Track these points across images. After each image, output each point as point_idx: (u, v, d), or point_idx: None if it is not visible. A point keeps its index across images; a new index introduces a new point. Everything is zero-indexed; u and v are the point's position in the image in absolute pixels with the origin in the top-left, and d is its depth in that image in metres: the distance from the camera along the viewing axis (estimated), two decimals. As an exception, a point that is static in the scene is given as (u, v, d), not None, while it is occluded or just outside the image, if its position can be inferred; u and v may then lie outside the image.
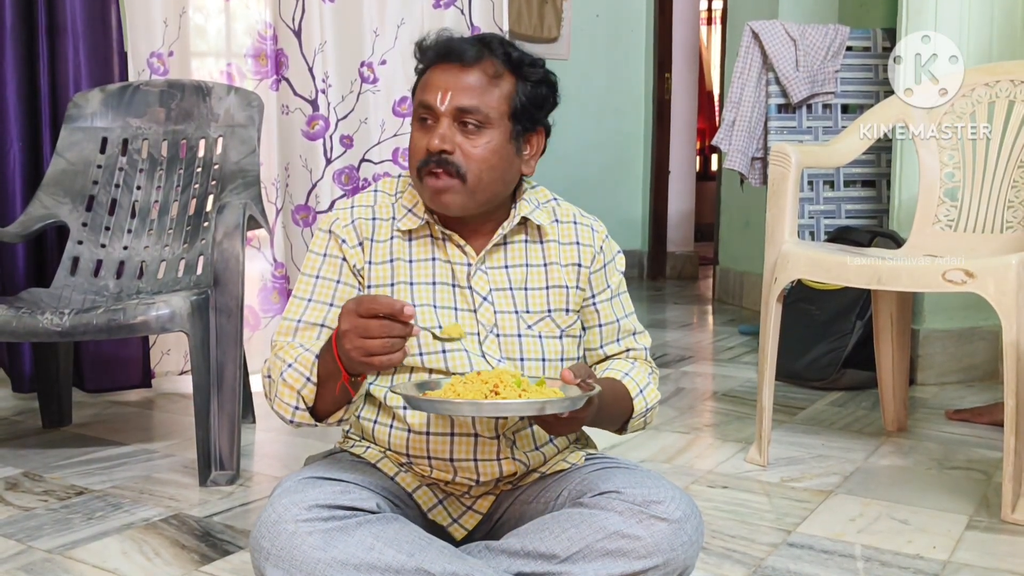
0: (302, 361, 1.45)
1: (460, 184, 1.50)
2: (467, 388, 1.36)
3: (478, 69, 1.51)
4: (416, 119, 1.54)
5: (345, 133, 3.18)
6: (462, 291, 1.58)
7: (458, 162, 1.50)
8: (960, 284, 2.09)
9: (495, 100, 1.52)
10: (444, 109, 1.49)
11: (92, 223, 2.78)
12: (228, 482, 2.31)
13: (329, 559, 1.36)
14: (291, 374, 1.45)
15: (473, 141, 1.50)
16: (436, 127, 1.50)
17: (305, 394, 1.45)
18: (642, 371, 1.65)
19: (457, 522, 1.60)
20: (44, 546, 1.92)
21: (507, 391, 1.35)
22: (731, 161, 3.84)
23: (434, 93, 1.50)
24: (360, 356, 1.31)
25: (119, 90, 2.91)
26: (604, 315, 1.66)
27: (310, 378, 1.44)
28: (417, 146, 1.53)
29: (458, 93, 1.49)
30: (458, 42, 1.53)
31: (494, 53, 1.52)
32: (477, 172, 1.51)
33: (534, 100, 1.56)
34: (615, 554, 1.43)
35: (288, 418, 1.48)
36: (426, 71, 1.54)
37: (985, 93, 2.58)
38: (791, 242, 2.42)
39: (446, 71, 1.51)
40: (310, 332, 1.54)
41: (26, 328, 2.25)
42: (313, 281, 1.57)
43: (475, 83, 1.50)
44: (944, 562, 1.85)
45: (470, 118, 1.50)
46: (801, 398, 3.20)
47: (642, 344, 1.70)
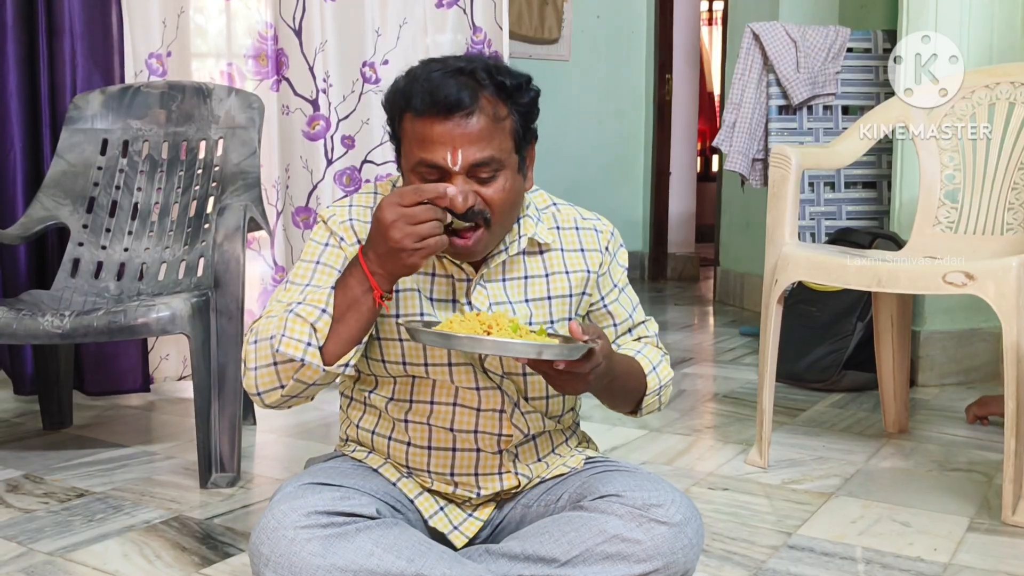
0: (314, 298, 1.39)
1: (485, 231, 1.43)
2: (463, 326, 1.35)
3: (479, 113, 1.38)
4: (417, 175, 1.41)
5: (346, 134, 3.18)
6: (461, 307, 1.54)
7: (482, 210, 1.41)
8: (960, 286, 2.09)
9: (503, 141, 1.41)
10: (457, 169, 1.38)
11: (93, 225, 2.78)
12: (229, 484, 2.31)
13: (328, 566, 1.36)
14: (303, 309, 1.37)
15: (491, 187, 1.41)
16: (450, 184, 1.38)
17: (319, 327, 1.37)
18: (654, 351, 1.64)
19: (458, 529, 1.59)
20: (45, 548, 1.92)
21: (501, 333, 1.34)
22: (732, 162, 3.84)
23: (440, 152, 1.37)
24: (412, 243, 1.30)
25: (120, 92, 2.91)
26: (617, 314, 1.65)
27: (326, 309, 1.37)
28: None
29: (468, 148, 1.37)
30: (448, 85, 1.37)
31: (485, 86, 1.40)
32: (500, 214, 1.44)
33: (528, 121, 1.47)
34: (615, 558, 1.43)
35: (299, 356, 1.37)
36: (415, 120, 1.39)
37: (985, 95, 2.58)
38: (792, 244, 2.42)
39: (445, 123, 1.37)
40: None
41: (27, 330, 2.24)
42: (313, 267, 1.52)
43: (482, 131, 1.38)
44: (945, 564, 1.85)
45: (485, 170, 1.40)
46: (802, 400, 3.20)
47: (651, 331, 1.69)
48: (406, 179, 1.45)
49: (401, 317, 1.51)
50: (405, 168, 1.45)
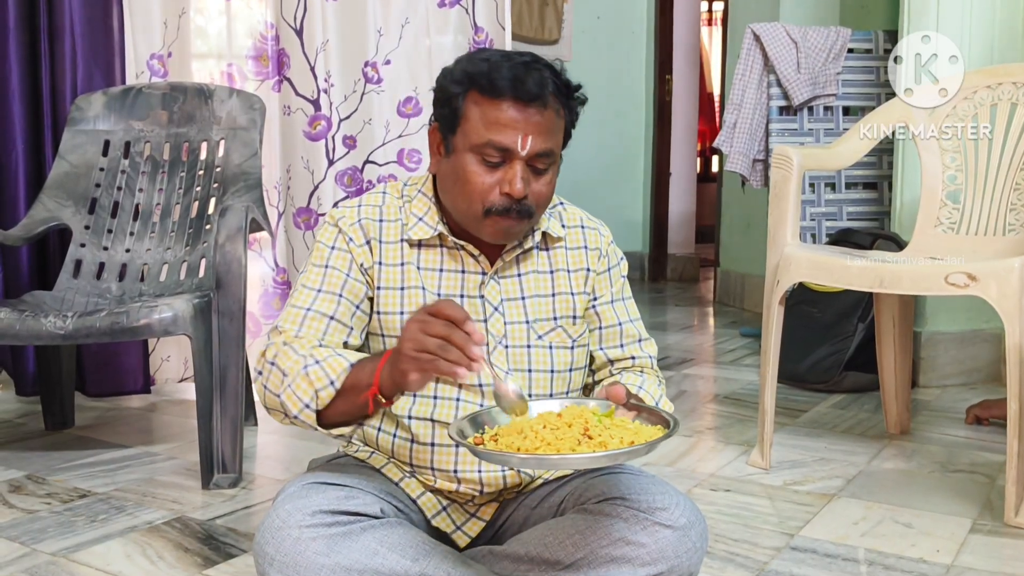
0: (332, 364, 1.39)
1: (527, 222, 1.50)
2: (556, 435, 1.26)
3: (550, 109, 1.46)
4: (477, 155, 1.46)
5: (348, 134, 3.17)
6: (471, 301, 1.56)
7: (530, 204, 1.47)
8: (962, 287, 2.09)
9: (559, 138, 1.50)
10: (525, 154, 1.44)
11: (94, 226, 2.78)
12: (231, 485, 2.31)
13: (333, 564, 1.36)
14: (316, 371, 1.39)
15: (540, 180, 1.48)
16: (509, 169, 1.45)
17: (323, 396, 1.39)
18: (653, 384, 1.64)
19: (461, 529, 1.60)
20: (48, 549, 1.92)
21: (600, 432, 1.26)
22: (732, 163, 3.84)
23: (512, 136, 1.43)
24: (412, 349, 1.24)
25: (121, 93, 2.91)
26: (606, 318, 1.65)
27: (334, 382, 1.38)
28: (484, 184, 1.46)
29: (538, 137, 1.44)
30: (532, 77, 1.43)
31: (550, 86, 1.46)
32: (540, 208, 1.51)
33: (573, 124, 1.54)
34: (619, 561, 1.43)
35: (293, 413, 1.41)
36: (489, 101, 1.45)
37: (987, 95, 2.58)
38: (793, 245, 2.42)
39: (523, 111, 1.44)
40: (318, 323, 1.49)
41: (30, 331, 2.25)
42: (322, 271, 1.53)
43: (550, 125, 1.46)
44: (948, 566, 1.85)
45: (543, 161, 1.47)
46: (803, 401, 3.20)
47: (647, 352, 1.68)
48: (459, 157, 1.48)
49: (405, 314, 1.54)
50: (461, 146, 1.47)
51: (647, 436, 1.27)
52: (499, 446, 1.26)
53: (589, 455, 1.22)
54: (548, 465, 1.26)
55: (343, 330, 1.52)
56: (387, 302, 1.55)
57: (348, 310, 1.52)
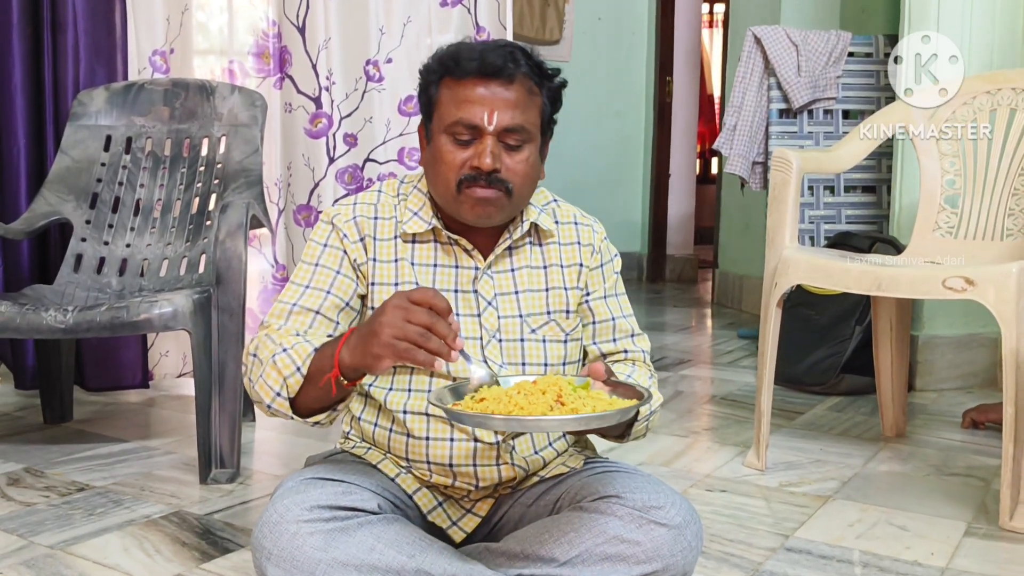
0: (298, 350, 1.41)
1: (505, 199, 1.50)
2: (529, 400, 1.27)
3: (518, 85, 1.49)
4: (449, 135, 1.49)
5: (349, 131, 3.18)
6: (465, 296, 1.58)
7: (506, 179, 1.49)
8: (960, 291, 2.10)
9: (534, 116, 1.52)
10: (492, 129, 1.47)
11: (96, 221, 2.78)
12: (228, 480, 2.32)
13: (330, 559, 1.37)
14: (283, 359, 1.41)
15: (515, 158, 1.50)
16: (479, 145, 1.48)
17: (291, 383, 1.40)
18: (642, 375, 1.65)
19: (456, 525, 1.60)
20: (45, 542, 1.92)
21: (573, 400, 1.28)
22: (732, 165, 3.85)
23: (479, 112, 1.47)
24: (388, 336, 1.24)
25: (124, 88, 2.91)
26: (599, 313, 1.66)
27: (300, 368, 1.40)
28: (456, 160, 1.49)
29: (504, 112, 1.47)
30: (496, 55, 1.48)
31: (522, 66, 1.50)
32: (520, 187, 1.52)
33: (553, 107, 1.57)
34: (614, 559, 1.44)
35: (267, 402, 1.43)
36: (457, 83, 1.49)
37: (987, 101, 2.59)
38: (792, 247, 2.43)
39: (488, 87, 1.47)
40: (304, 317, 1.52)
41: (30, 324, 2.25)
42: (312, 269, 1.56)
43: (519, 100, 1.49)
44: (942, 568, 1.86)
45: (514, 137, 1.49)
46: (800, 403, 3.21)
47: (640, 347, 1.69)
48: (435, 141, 1.51)
49: None
50: (436, 130, 1.51)
51: (620, 406, 1.30)
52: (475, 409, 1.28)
53: (561, 417, 1.24)
54: (520, 427, 1.26)
55: (328, 324, 1.54)
56: (381, 298, 1.56)
57: (335, 305, 1.54)
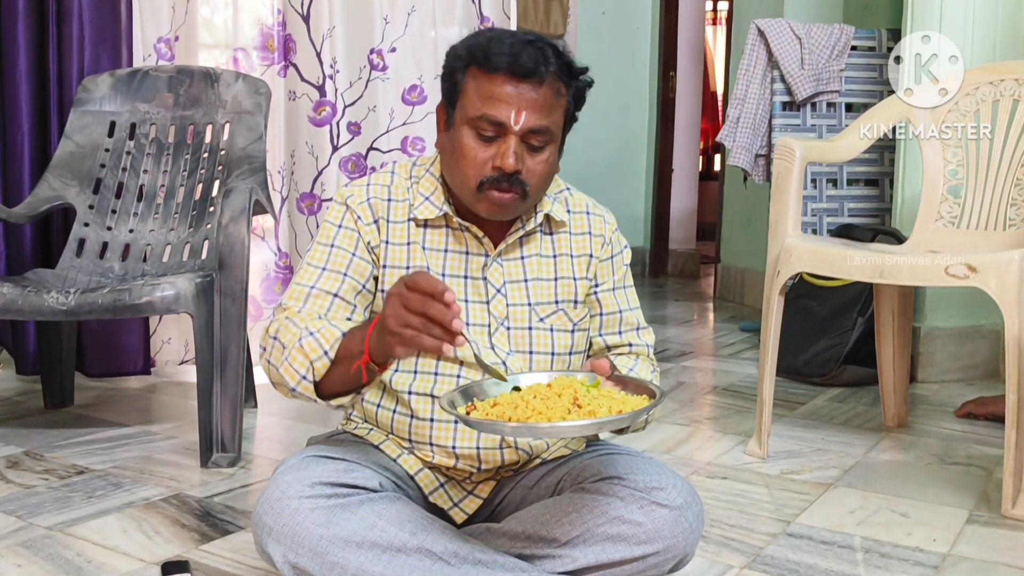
0: (325, 334, 1.39)
1: (521, 200, 1.49)
2: (546, 404, 1.26)
3: (547, 87, 1.46)
4: (472, 128, 1.47)
5: (353, 120, 3.18)
6: (475, 282, 1.57)
7: (525, 180, 1.48)
8: (963, 279, 2.09)
9: (559, 117, 1.50)
10: (518, 129, 1.45)
11: (99, 206, 2.78)
12: (229, 464, 2.32)
13: (331, 536, 1.36)
14: (310, 343, 1.39)
15: (536, 158, 1.48)
16: (503, 144, 1.45)
17: (318, 367, 1.39)
18: (646, 368, 1.65)
19: (458, 506, 1.60)
20: (44, 523, 1.93)
21: (589, 401, 1.27)
22: (735, 158, 3.84)
23: (506, 110, 1.44)
24: (395, 324, 1.22)
25: (128, 75, 2.91)
26: (606, 305, 1.66)
27: (328, 352, 1.38)
28: (478, 157, 1.47)
29: (532, 113, 1.44)
30: (528, 52, 1.44)
31: (552, 65, 1.46)
32: (537, 187, 1.51)
33: (577, 105, 1.54)
34: (615, 539, 1.44)
35: (291, 385, 1.41)
36: (486, 76, 1.46)
37: (989, 92, 2.58)
38: (794, 236, 2.43)
39: (518, 86, 1.44)
40: (322, 300, 1.50)
41: (32, 306, 2.25)
42: (328, 250, 1.54)
43: (546, 102, 1.46)
44: (944, 555, 1.86)
45: (538, 139, 1.47)
46: (801, 393, 3.21)
47: (644, 340, 1.69)
48: (457, 131, 1.49)
49: None
50: (459, 119, 1.49)
51: (634, 405, 1.29)
52: (491, 415, 1.27)
53: (579, 423, 1.23)
54: (538, 433, 1.26)
55: (346, 307, 1.53)
56: (392, 281, 1.55)
57: (352, 288, 1.53)
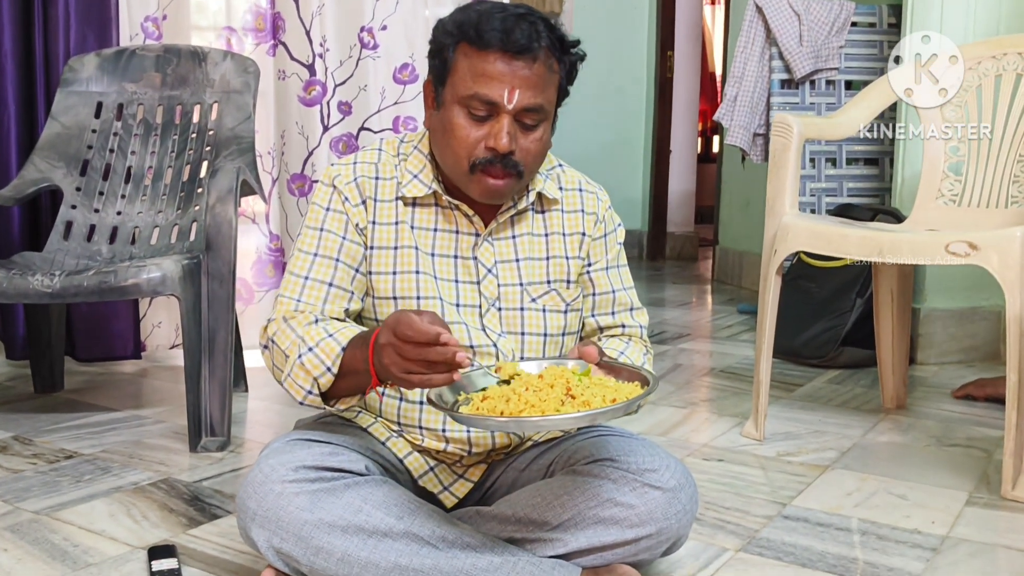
0: (325, 349, 1.37)
1: (516, 181, 1.46)
2: (539, 396, 1.24)
3: (540, 63, 1.41)
4: (464, 107, 1.43)
5: (343, 99, 3.13)
6: (465, 262, 1.54)
7: (519, 160, 1.44)
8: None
9: (552, 93, 1.46)
10: (512, 108, 1.41)
11: (86, 188, 2.74)
12: (218, 448, 2.28)
13: (315, 520, 1.34)
14: (310, 359, 1.37)
15: (530, 137, 1.45)
16: (496, 123, 1.42)
17: (322, 382, 1.37)
18: (637, 351, 1.62)
19: (448, 490, 1.58)
20: (32, 507, 1.90)
21: (582, 391, 1.25)
22: (733, 137, 3.80)
23: (499, 89, 1.40)
24: (399, 372, 1.23)
25: (115, 55, 2.87)
26: (599, 285, 1.63)
27: (331, 368, 1.36)
28: (471, 139, 1.43)
29: (526, 91, 1.41)
30: (521, 28, 1.40)
31: (544, 40, 1.42)
32: (531, 166, 1.47)
33: (569, 80, 1.50)
34: (607, 522, 1.41)
35: (299, 399, 1.41)
36: (477, 53, 1.42)
37: (992, 66, 2.54)
38: (792, 214, 2.39)
39: (510, 63, 1.40)
40: (317, 291, 1.48)
41: (17, 289, 2.22)
42: (318, 234, 1.51)
43: (539, 79, 1.42)
44: (943, 537, 1.83)
45: (531, 117, 1.44)
46: (799, 375, 3.17)
47: (638, 321, 1.66)
48: (447, 110, 1.45)
49: (397, 274, 1.52)
50: (449, 98, 1.45)
51: (627, 394, 1.27)
52: (482, 410, 1.24)
53: (574, 415, 1.20)
54: (529, 427, 1.23)
55: (343, 295, 1.50)
56: (380, 262, 1.52)
57: (346, 274, 1.50)
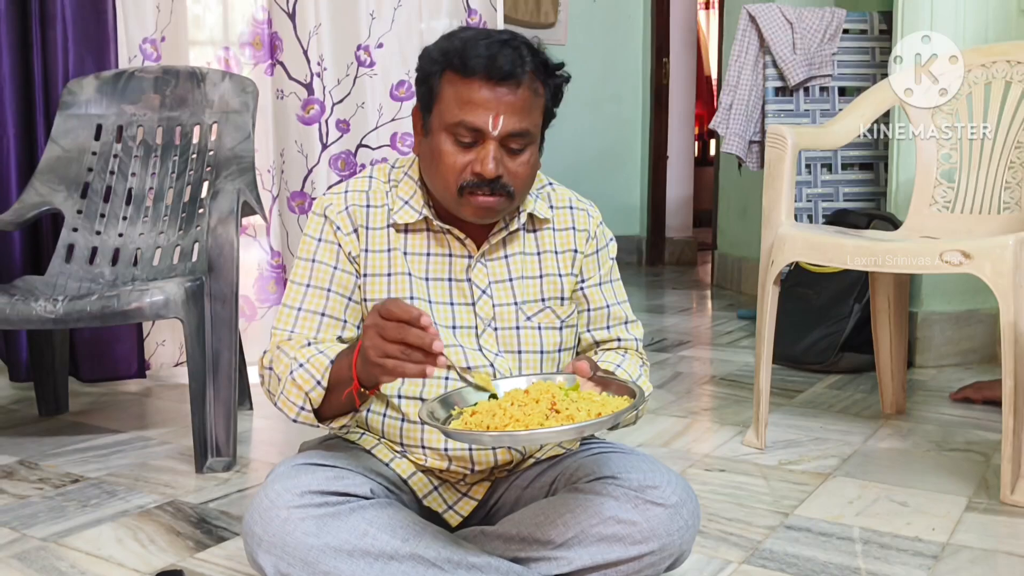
0: (315, 363, 1.40)
1: (507, 202, 1.48)
2: (524, 411, 1.25)
3: (524, 87, 1.43)
4: (450, 134, 1.45)
5: (341, 117, 3.16)
6: (459, 284, 1.56)
7: (508, 183, 1.46)
8: (957, 265, 2.08)
9: (537, 117, 1.47)
10: (496, 134, 1.43)
11: (87, 210, 2.76)
12: (224, 468, 2.30)
13: (322, 545, 1.35)
14: (301, 375, 1.40)
15: (517, 160, 1.46)
16: (481, 149, 1.43)
17: (313, 397, 1.39)
18: (633, 363, 1.63)
19: (452, 509, 1.59)
20: (39, 534, 1.91)
21: (567, 405, 1.26)
22: (729, 145, 3.82)
23: (483, 116, 1.41)
24: (375, 356, 1.23)
25: (113, 77, 2.89)
26: (593, 301, 1.64)
27: (320, 382, 1.39)
28: (457, 164, 1.44)
29: (510, 117, 1.42)
30: (505, 54, 1.41)
31: (528, 65, 1.44)
32: (520, 188, 1.49)
33: (555, 102, 1.52)
34: (611, 539, 1.42)
35: (292, 417, 1.43)
36: (461, 81, 1.43)
37: (981, 74, 2.56)
38: (787, 224, 2.41)
39: (494, 90, 1.42)
40: (310, 322, 1.51)
41: (20, 315, 2.23)
42: (310, 265, 1.53)
43: (524, 105, 1.44)
44: (943, 544, 1.85)
45: (517, 142, 1.45)
46: (799, 382, 3.19)
47: (633, 334, 1.67)
48: (434, 137, 1.47)
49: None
50: (436, 125, 1.47)
51: (614, 407, 1.27)
52: (470, 424, 1.26)
53: (556, 429, 1.21)
54: (516, 441, 1.25)
55: (336, 324, 1.52)
56: (374, 289, 1.54)
57: (339, 304, 1.52)
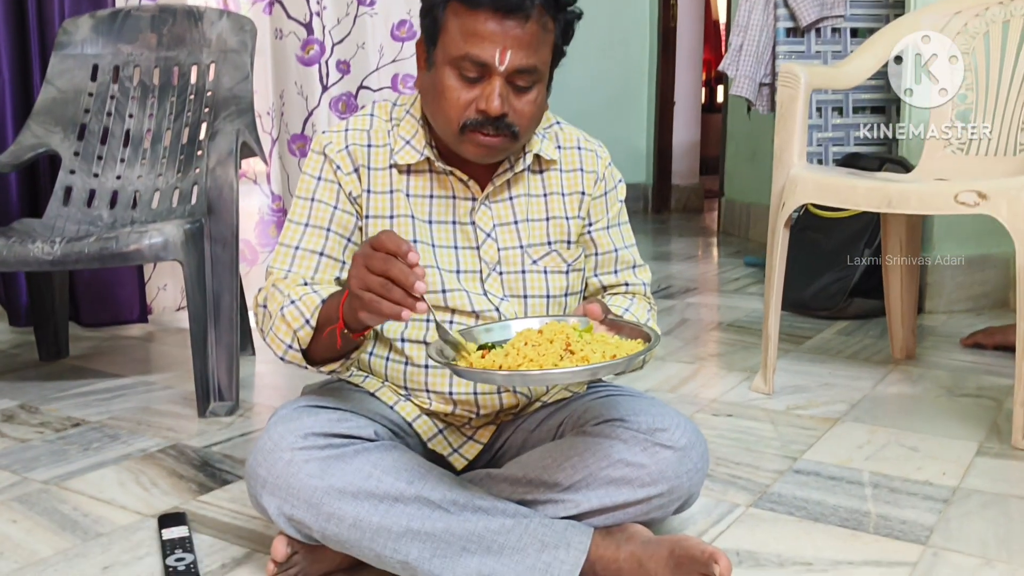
0: (306, 302, 1.36)
1: (510, 142, 1.42)
2: (537, 351, 1.22)
3: (533, 22, 1.36)
4: (455, 69, 1.38)
5: (341, 58, 3.09)
6: (463, 228, 1.52)
7: (512, 122, 1.40)
8: (972, 206, 2.03)
9: (546, 54, 1.41)
10: (503, 69, 1.36)
11: (84, 152, 2.72)
12: (227, 413, 2.28)
13: (326, 487, 1.33)
14: (291, 311, 1.37)
15: (523, 98, 1.40)
16: (487, 85, 1.37)
17: (301, 335, 1.36)
18: (641, 307, 1.60)
19: (457, 452, 1.57)
20: (40, 477, 1.89)
21: (581, 347, 1.23)
22: (738, 87, 3.76)
23: (490, 50, 1.35)
24: (356, 286, 1.19)
25: (109, 16, 2.82)
26: (601, 244, 1.61)
27: (309, 320, 1.36)
28: (461, 99, 1.39)
29: (518, 52, 1.36)
30: None
31: None
32: (526, 128, 1.43)
33: (565, 39, 1.45)
34: (619, 482, 1.41)
35: (279, 354, 1.41)
36: (467, 12, 1.36)
37: (999, 12, 2.49)
38: (800, 166, 2.36)
39: (502, 23, 1.35)
40: (308, 261, 1.47)
41: (17, 257, 2.20)
42: (309, 204, 1.49)
43: (533, 39, 1.37)
44: (954, 488, 1.82)
45: (524, 78, 1.39)
46: (808, 327, 3.16)
47: (641, 279, 1.64)
48: (438, 71, 1.41)
49: None
50: (440, 59, 1.41)
51: (628, 350, 1.24)
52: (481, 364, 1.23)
53: (571, 369, 1.18)
54: (530, 381, 1.23)
55: (335, 265, 1.49)
56: (376, 231, 1.49)
57: (338, 244, 1.48)
